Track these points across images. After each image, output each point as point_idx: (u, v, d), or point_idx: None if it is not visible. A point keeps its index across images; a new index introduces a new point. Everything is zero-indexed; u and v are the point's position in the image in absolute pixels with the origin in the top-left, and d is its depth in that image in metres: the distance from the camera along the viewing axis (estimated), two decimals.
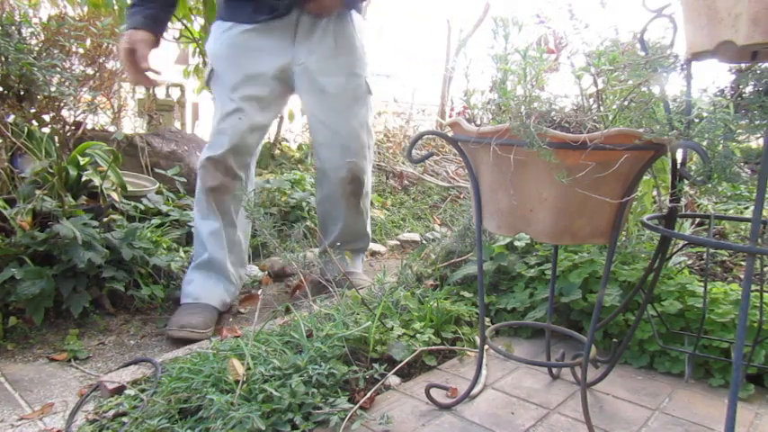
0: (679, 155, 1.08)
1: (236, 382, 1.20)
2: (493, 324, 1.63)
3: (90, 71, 2.00)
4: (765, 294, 1.19)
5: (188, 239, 2.38)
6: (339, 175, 1.96)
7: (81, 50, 1.97)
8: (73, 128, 2.06)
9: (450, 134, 1.18)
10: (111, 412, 1.24)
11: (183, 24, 3.12)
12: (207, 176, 1.85)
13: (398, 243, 2.93)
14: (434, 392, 1.29)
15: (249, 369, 1.25)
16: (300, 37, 1.84)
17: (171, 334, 1.70)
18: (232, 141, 1.81)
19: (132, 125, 3.55)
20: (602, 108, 1.06)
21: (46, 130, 2.06)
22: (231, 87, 1.83)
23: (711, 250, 1.93)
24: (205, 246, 1.89)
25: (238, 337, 1.54)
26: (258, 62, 1.82)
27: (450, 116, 5.10)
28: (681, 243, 1.41)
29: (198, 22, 3.18)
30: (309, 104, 1.94)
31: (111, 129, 2.85)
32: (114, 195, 2.25)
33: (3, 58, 1.76)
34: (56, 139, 2.05)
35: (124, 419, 1.20)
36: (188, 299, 1.84)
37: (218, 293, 1.87)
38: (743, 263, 1.90)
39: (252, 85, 1.83)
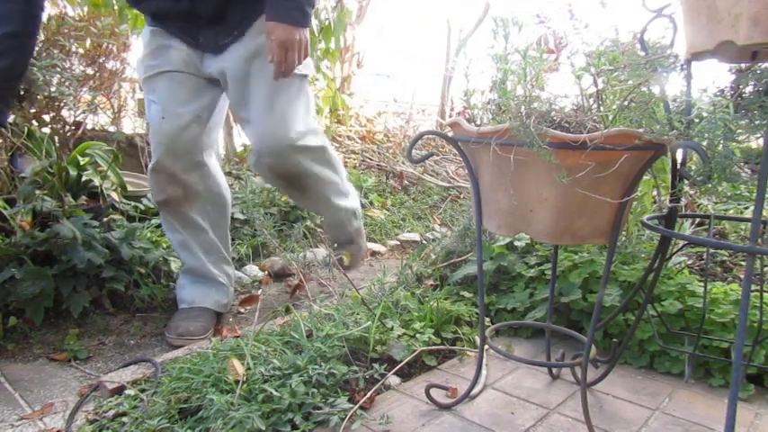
0: (679, 155, 1.08)
1: (236, 382, 1.20)
2: (493, 324, 1.63)
3: (90, 71, 1.99)
4: (765, 294, 1.19)
5: None
6: (266, 170, 1.79)
7: (81, 50, 1.97)
8: (73, 128, 2.05)
9: (450, 134, 1.18)
10: (111, 412, 1.25)
11: None
12: (154, 190, 1.76)
13: (398, 243, 2.92)
14: (434, 392, 1.29)
15: (249, 369, 1.25)
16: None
17: (169, 341, 1.70)
18: (164, 146, 1.67)
19: (132, 125, 3.54)
20: (602, 108, 1.06)
21: (46, 130, 2.06)
22: (150, 89, 1.71)
23: (711, 250, 1.93)
24: (180, 256, 1.88)
25: (238, 337, 1.54)
26: (171, 57, 1.68)
27: (450, 116, 5.10)
28: (681, 243, 1.41)
29: None
30: (231, 104, 1.76)
31: (111, 129, 2.85)
32: (114, 195, 2.26)
33: None
34: (56, 139, 2.05)
35: (124, 419, 1.21)
36: (183, 304, 1.84)
37: (211, 296, 1.86)
38: (743, 263, 1.90)
39: (166, 80, 1.68)
